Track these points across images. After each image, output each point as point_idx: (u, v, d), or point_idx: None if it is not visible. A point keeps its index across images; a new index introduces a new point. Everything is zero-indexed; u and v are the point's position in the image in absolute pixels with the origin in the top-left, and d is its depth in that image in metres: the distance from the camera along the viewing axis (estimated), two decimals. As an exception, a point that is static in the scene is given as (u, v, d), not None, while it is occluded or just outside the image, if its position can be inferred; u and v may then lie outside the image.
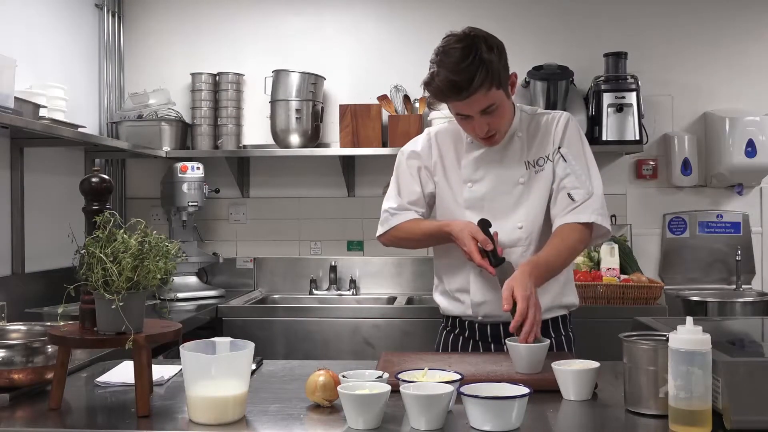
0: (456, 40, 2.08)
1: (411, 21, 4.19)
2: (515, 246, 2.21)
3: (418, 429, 1.50)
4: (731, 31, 4.11)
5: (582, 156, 2.21)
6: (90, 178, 1.71)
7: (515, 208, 2.21)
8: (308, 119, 3.95)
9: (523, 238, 2.21)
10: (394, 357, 2.07)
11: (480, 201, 2.23)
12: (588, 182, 2.17)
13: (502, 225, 2.19)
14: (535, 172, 2.21)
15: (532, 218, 2.21)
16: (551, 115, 2.27)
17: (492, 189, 2.23)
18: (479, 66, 2.03)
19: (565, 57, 3.91)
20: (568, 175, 2.17)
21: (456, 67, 2.04)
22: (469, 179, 2.25)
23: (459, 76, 2.03)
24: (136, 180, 4.26)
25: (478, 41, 2.06)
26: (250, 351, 1.59)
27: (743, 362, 1.47)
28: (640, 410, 1.58)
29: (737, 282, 3.92)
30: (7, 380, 1.73)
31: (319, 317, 3.55)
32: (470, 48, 2.04)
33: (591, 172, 2.20)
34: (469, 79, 2.03)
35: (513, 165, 2.22)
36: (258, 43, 4.22)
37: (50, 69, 3.54)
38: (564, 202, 2.16)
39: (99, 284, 1.57)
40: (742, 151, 3.89)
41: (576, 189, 2.15)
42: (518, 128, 2.24)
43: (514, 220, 2.22)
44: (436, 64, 2.10)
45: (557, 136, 2.21)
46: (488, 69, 2.04)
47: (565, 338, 2.30)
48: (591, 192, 2.16)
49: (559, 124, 2.23)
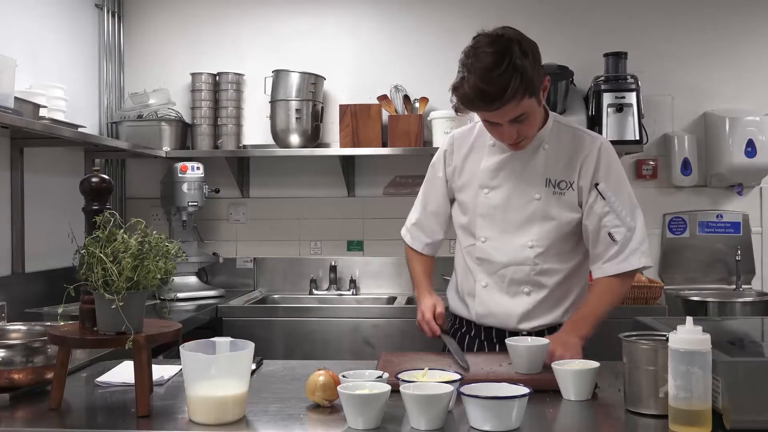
0: (488, 42, 1.96)
1: (411, 21, 4.19)
2: (523, 264, 2.18)
3: (418, 429, 1.50)
4: (731, 31, 4.11)
5: (619, 188, 2.14)
6: (90, 178, 1.71)
7: (528, 225, 2.17)
8: (308, 119, 3.95)
9: (531, 257, 2.17)
10: (394, 357, 2.07)
11: (494, 209, 2.19)
12: (628, 217, 2.12)
13: (511, 239, 2.18)
14: (553, 193, 2.14)
15: (544, 240, 2.16)
16: (589, 138, 2.16)
17: (507, 199, 2.17)
18: (513, 74, 1.91)
19: (565, 57, 3.90)
20: (608, 213, 2.11)
21: (488, 74, 1.91)
22: (486, 185, 2.20)
23: (491, 85, 1.91)
24: (136, 180, 4.26)
25: (511, 45, 1.94)
26: (250, 351, 1.59)
27: (743, 362, 1.47)
28: (640, 410, 1.58)
29: (737, 282, 3.92)
30: (7, 380, 1.73)
31: (319, 317, 3.55)
32: (503, 53, 1.92)
33: (631, 204, 2.15)
34: (502, 89, 1.91)
35: (532, 179, 2.15)
36: (258, 43, 4.22)
37: (50, 69, 3.54)
38: (605, 243, 2.12)
39: (99, 284, 1.58)
40: (742, 151, 3.89)
41: (617, 228, 2.11)
42: (546, 139, 2.15)
43: (525, 238, 2.17)
44: (466, 68, 1.97)
45: (590, 167, 2.12)
46: (522, 77, 1.92)
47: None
48: (632, 227, 2.12)
49: (593, 155, 2.12)
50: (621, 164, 2.20)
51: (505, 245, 2.19)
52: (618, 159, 2.19)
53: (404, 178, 4.17)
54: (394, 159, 4.12)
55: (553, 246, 2.17)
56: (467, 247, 2.28)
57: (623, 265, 2.12)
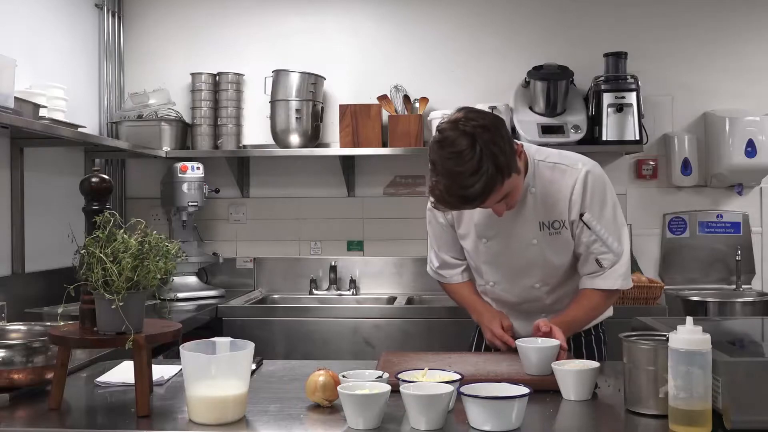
0: (452, 140, 1.85)
1: (411, 21, 4.19)
2: (535, 301, 2.26)
3: (418, 429, 1.50)
4: (731, 31, 4.11)
5: (606, 215, 2.15)
6: (90, 178, 1.71)
7: (530, 269, 2.22)
8: (308, 119, 3.95)
9: (541, 296, 2.25)
10: (394, 357, 2.07)
11: (496, 257, 2.24)
12: (615, 243, 2.15)
13: (519, 282, 2.24)
14: (549, 234, 2.16)
15: (549, 279, 2.23)
16: (570, 171, 2.14)
17: (506, 247, 2.21)
18: (487, 169, 1.84)
19: (565, 57, 3.91)
20: (595, 242, 2.14)
21: (461, 179, 1.84)
22: (483, 236, 2.22)
23: (466, 190, 1.85)
24: (136, 180, 4.26)
25: (476, 137, 1.84)
26: (250, 351, 1.59)
27: (743, 362, 1.47)
28: (640, 410, 1.58)
29: (737, 282, 3.92)
30: (7, 380, 1.73)
31: (319, 317, 3.55)
32: (472, 150, 1.83)
33: (618, 229, 2.16)
34: (476, 192, 1.86)
35: (526, 225, 2.17)
36: (258, 43, 4.22)
37: (50, 69, 3.54)
38: (592, 266, 2.18)
39: (99, 284, 1.58)
40: (742, 151, 3.89)
41: (603, 254, 2.15)
42: (532, 183, 2.14)
43: (530, 280, 2.23)
44: (436, 169, 1.87)
45: (576, 202, 2.12)
46: (496, 167, 1.85)
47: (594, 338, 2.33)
48: (619, 253, 2.16)
49: (577, 189, 2.12)
50: (607, 186, 2.17)
51: (513, 287, 2.26)
52: (603, 183, 2.16)
53: (404, 178, 4.17)
54: (394, 159, 4.12)
55: (560, 282, 2.25)
56: (479, 285, 2.36)
57: (604, 283, 2.18)
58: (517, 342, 1.93)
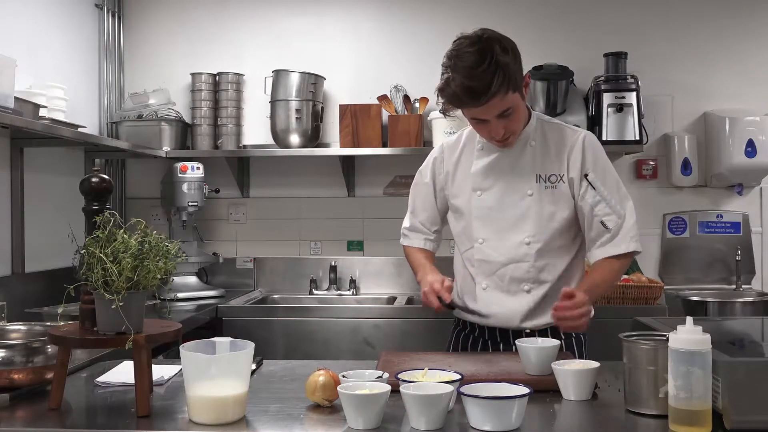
0: (469, 43, 2.02)
1: (411, 21, 4.19)
2: (522, 262, 2.21)
3: (418, 429, 1.50)
4: (731, 31, 4.11)
5: (608, 178, 2.19)
6: (90, 178, 1.71)
7: (523, 222, 2.20)
8: (308, 119, 3.95)
9: (529, 254, 2.20)
10: (394, 357, 2.07)
11: (488, 210, 2.23)
12: (618, 205, 2.18)
13: (509, 238, 2.21)
14: (545, 188, 2.18)
15: (540, 235, 2.19)
16: (570, 131, 2.23)
17: (500, 198, 2.21)
18: (496, 70, 1.98)
19: (565, 57, 3.90)
20: (599, 203, 2.17)
21: (471, 72, 1.98)
22: (479, 187, 2.23)
23: (475, 81, 1.98)
24: (136, 180, 4.26)
25: (492, 44, 2.01)
26: (250, 351, 1.59)
27: (743, 362, 1.47)
28: (640, 410, 1.58)
29: (737, 282, 3.92)
30: (7, 380, 1.73)
31: (319, 317, 3.55)
32: (485, 51, 1.99)
33: (619, 192, 2.20)
34: (487, 85, 1.98)
35: (523, 176, 2.20)
36: (258, 43, 4.22)
37: (50, 69, 3.54)
38: (598, 229, 2.19)
39: (99, 284, 1.58)
40: (742, 151, 3.89)
41: (608, 216, 2.17)
42: (532, 136, 2.21)
43: (521, 235, 2.20)
44: (450, 69, 2.03)
45: (578, 159, 2.17)
46: (504, 73, 1.99)
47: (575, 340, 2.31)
48: (622, 214, 2.18)
49: (578, 146, 2.18)
50: (606, 155, 2.24)
51: (502, 244, 2.22)
52: (603, 150, 2.24)
53: (404, 178, 4.17)
54: (394, 159, 4.12)
55: (551, 241, 2.20)
56: (465, 251, 2.31)
57: (616, 249, 2.18)
58: (517, 342, 1.93)
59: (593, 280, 2.18)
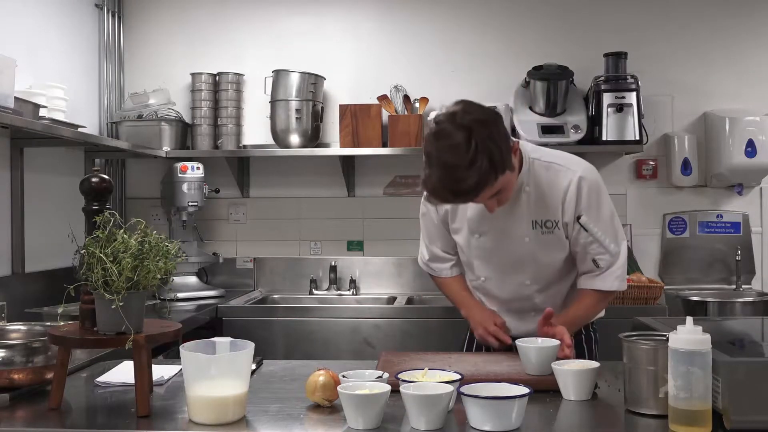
0: (448, 132, 1.84)
1: (411, 21, 4.18)
2: (525, 300, 2.25)
3: (418, 429, 1.50)
4: (731, 31, 4.11)
5: (602, 218, 2.16)
6: (90, 178, 1.71)
7: (522, 266, 2.21)
8: (308, 119, 3.95)
9: (531, 294, 2.24)
10: (394, 357, 2.07)
11: (487, 252, 2.23)
12: (612, 244, 2.16)
13: (509, 279, 2.24)
14: (542, 233, 2.16)
15: (540, 278, 2.23)
16: (565, 172, 2.13)
17: (498, 242, 2.20)
18: (481, 164, 1.82)
19: (565, 57, 3.90)
20: (592, 243, 2.16)
21: (455, 172, 1.83)
22: (476, 231, 2.22)
23: (458, 183, 1.84)
24: (136, 180, 4.26)
25: (472, 131, 1.82)
26: (250, 351, 1.59)
27: (743, 362, 1.48)
28: (640, 410, 1.58)
29: (737, 282, 3.92)
30: (7, 380, 1.73)
31: (319, 317, 3.55)
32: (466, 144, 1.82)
33: (615, 229, 2.18)
34: (470, 187, 1.86)
35: (518, 222, 2.17)
36: (258, 43, 4.22)
37: (50, 69, 3.54)
38: (589, 266, 2.19)
39: (99, 284, 1.58)
40: (742, 151, 3.89)
41: (601, 255, 2.17)
42: (526, 181, 2.13)
43: (521, 277, 2.23)
44: (429, 161, 1.88)
45: (572, 204, 2.12)
46: (491, 162, 1.84)
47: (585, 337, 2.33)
48: (616, 254, 2.17)
49: (572, 190, 2.11)
50: (601, 189, 2.18)
51: (504, 284, 2.26)
52: (599, 186, 2.17)
53: (404, 178, 4.17)
54: (394, 159, 4.12)
55: (551, 278, 2.24)
56: (470, 281, 2.35)
57: (603, 284, 2.20)
58: (517, 342, 1.93)
59: (576, 313, 2.21)
